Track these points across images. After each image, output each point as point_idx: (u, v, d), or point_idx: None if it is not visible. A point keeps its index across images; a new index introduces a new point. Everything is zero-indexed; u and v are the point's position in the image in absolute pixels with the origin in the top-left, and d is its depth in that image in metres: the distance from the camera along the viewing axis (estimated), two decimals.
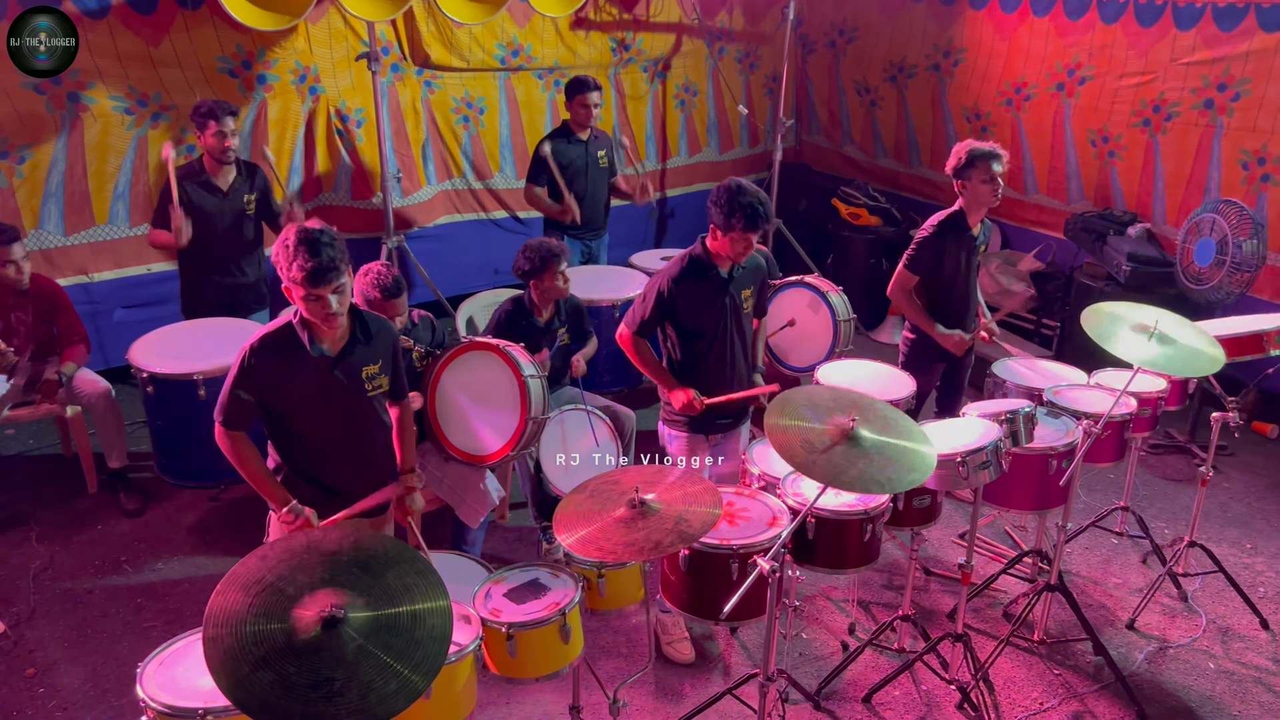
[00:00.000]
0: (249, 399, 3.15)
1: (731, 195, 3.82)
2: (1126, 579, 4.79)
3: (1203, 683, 4.14)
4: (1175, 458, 5.90)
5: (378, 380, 3.29)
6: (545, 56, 7.31)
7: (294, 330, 3.14)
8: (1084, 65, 6.90)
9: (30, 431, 5.79)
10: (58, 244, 5.88)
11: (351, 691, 2.06)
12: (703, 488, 2.88)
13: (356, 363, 3.23)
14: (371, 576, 2.28)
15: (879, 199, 7.97)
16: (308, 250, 2.92)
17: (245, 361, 3.12)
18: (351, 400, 3.24)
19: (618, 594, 3.11)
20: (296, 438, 3.26)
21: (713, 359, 4.08)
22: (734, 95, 8.45)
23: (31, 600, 4.42)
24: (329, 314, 3.03)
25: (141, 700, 2.47)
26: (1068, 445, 3.92)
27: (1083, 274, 6.75)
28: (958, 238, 4.67)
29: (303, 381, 3.15)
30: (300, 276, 2.94)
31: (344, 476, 3.33)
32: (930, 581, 4.73)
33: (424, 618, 2.24)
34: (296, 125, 6.45)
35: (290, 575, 2.26)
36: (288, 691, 2.05)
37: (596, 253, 6.45)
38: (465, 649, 2.72)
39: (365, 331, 3.25)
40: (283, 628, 2.16)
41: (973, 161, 4.52)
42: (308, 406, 3.19)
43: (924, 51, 7.98)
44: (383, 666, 2.11)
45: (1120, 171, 6.91)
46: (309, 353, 3.13)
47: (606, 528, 2.71)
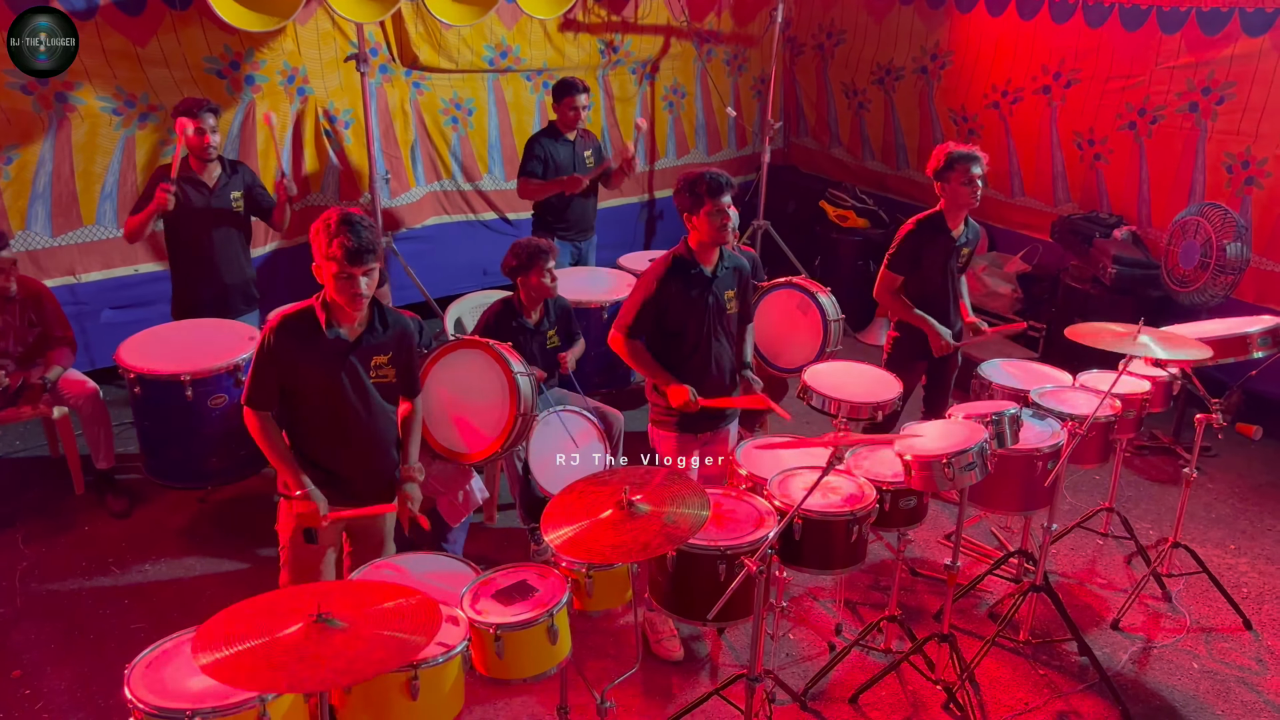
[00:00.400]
0: (271, 378, 3.24)
1: (687, 179, 3.97)
2: (1111, 579, 4.82)
3: (1186, 682, 4.17)
4: (1160, 459, 5.94)
5: (384, 370, 3.37)
6: (534, 58, 7.32)
7: (314, 312, 3.22)
8: (1070, 68, 6.94)
9: (17, 433, 5.77)
10: (45, 245, 5.85)
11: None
12: (690, 489, 2.90)
13: (369, 351, 3.32)
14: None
15: (866, 201, 7.99)
16: (349, 230, 3.05)
17: (266, 340, 3.22)
18: (360, 386, 3.31)
19: (606, 595, 3.12)
20: (306, 421, 3.35)
21: (698, 358, 4.10)
22: (722, 97, 8.47)
23: (18, 602, 4.40)
24: (356, 294, 3.13)
25: (129, 701, 2.46)
26: (1053, 447, 3.96)
27: (1069, 276, 6.79)
28: (936, 238, 4.71)
29: (317, 363, 3.24)
30: (340, 254, 3.05)
31: (348, 463, 3.40)
32: (917, 582, 4.75)
33: None
34: (285, 126, 6.43)
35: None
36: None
37: (586, 254, 6.45)
38: (452, 650, 2.73)
39: (383, 321, 3.36)
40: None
41: (952, 164, 4.57)
42: (318, 389, 3.27)
43: (911, 54, 8.01)
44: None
45: (1106, 174, 6.95)
46: (325, 335, 3.21)
47: (594, 529, 2.72)
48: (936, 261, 4.76)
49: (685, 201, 3.95)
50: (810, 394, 4.41)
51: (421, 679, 2.64)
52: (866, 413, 4.34)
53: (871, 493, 3.54)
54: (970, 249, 4.92)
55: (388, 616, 2.28)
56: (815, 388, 4.40)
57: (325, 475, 3.37)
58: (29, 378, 4.90)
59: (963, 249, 4.85)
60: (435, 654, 2.69)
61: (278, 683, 2.07)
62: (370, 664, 2.11)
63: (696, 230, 3.99)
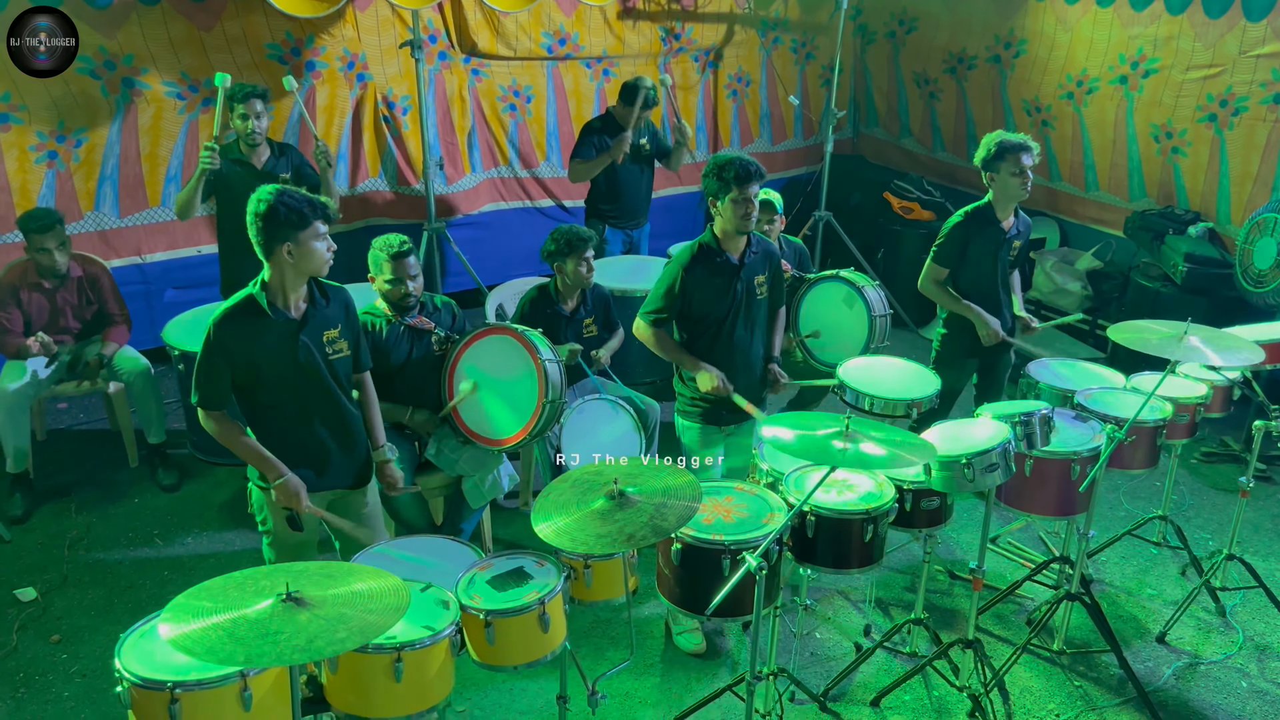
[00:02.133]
0: (222, 373, 3.21)
1: (716, 163, 3.86)
2: (1162, 590, 4.62)
3: (1233, 702, 3.97)
4: (1229, 467, 5.66)
5: (338, 344, 3.37)
6: (593, 45, 7.29)
7: (254, 299, 3.20)
8: (1148, 57, 6.64)
9: (80, 406, 5.98)
10: (113, 225, 6.05)
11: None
12: (685, 481, 2.84)
13: (318, 326, 3.30)
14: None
15: (933, 193, 7.79)
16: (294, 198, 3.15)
17: (210, 337, 3.19)
18: (316, 365, 3.30)
19: (604, 585, 3.08)
20: (270, 411, 3.33)
21: (722, 346, 4.03)
22: (787, 86, 8.33)
23: (64, 569, 4.56)
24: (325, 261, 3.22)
25: (117, 670, 2.52)
26: (1092, 450, 3.79)
27: (1140, 274, 6.52)
28: (983, 230, 4.55)
29: (269, 348, 3.22)
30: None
31: (319, 447, 3.40)
32: (955, 586, 4.62)
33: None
34: (344, 112, 6.53)
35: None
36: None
37: (638, 242, 6.42)
38: (439, 634, 2.73)
39: (324, 294, 3.35)
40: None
41: (1002, 154, 4.40)
42: (276, 374, 3.25)
43: (984, 42, 7.77)
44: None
45: (1184, 168, 6.64)
46: (271, 318, 3.19)
47: (582, 519, 2.69)
48: (984, 254, 4.60)
49: (711, 185, 3.87)
50: (844, 389, 4.29)
51: (405, 661, 2.64)
52: (902, 409, 4.21)
53: (890, 491, 3.44)
54: (1023, 241, 4.74)
55: (356, 598, 2.28)
56: (849, 383, 4.28)
57: (297, 463, 3.35)
58: (85, 354, 5.06)
59: (1014, 242, 4.68)
60: (421, 637, 2.69)
61: (233, 657, 2.08)
62: (329, 644, 2.11)
63: (720, 216, 3.91)
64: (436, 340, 4.29)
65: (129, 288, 5.73)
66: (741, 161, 3.83)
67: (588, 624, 4.27)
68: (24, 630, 4.17)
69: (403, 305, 4.19)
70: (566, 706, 3.17)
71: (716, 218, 3.93)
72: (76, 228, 5.81)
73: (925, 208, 7.70)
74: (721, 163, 3.85)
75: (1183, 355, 3.57)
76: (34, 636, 4.14)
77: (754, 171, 3.83)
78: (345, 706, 2.72)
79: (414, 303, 4.23)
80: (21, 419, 4.92)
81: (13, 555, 4.65)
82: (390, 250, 4.11)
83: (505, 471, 4.38)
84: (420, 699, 2.73)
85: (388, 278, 4.14)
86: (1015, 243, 4.68)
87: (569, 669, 3.12)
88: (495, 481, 4.32)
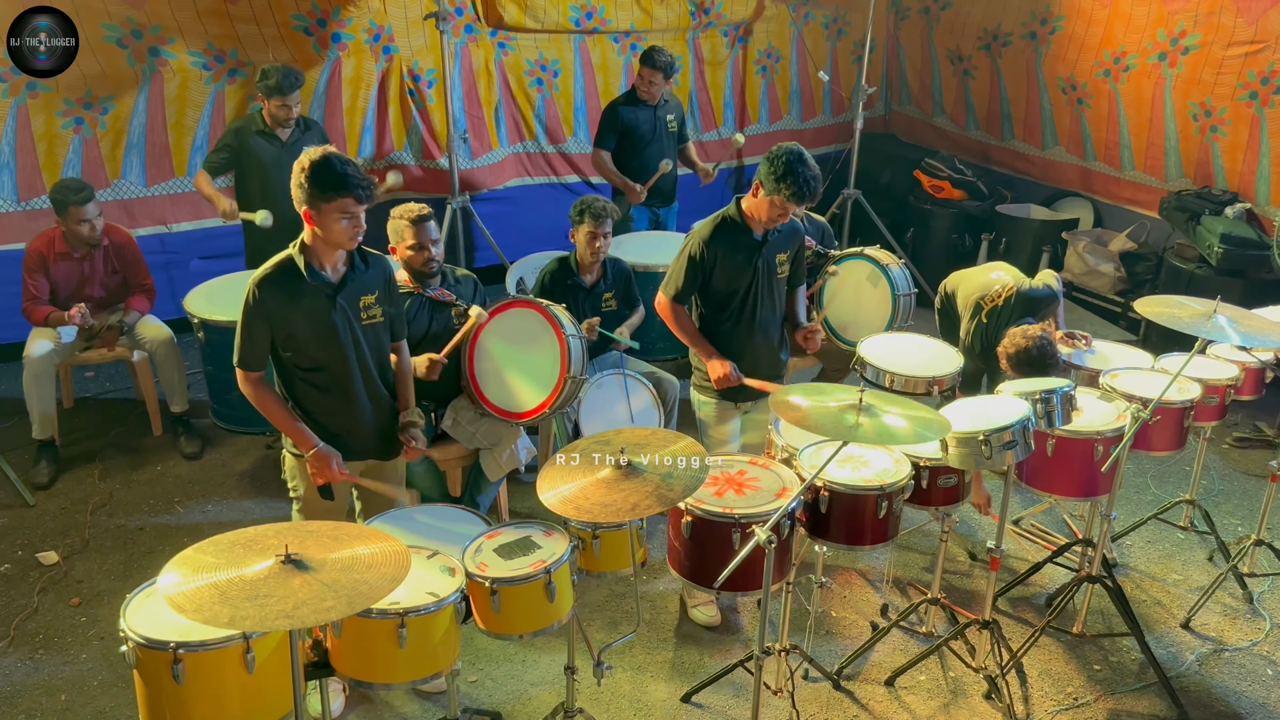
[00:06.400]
0: (262, 335, 3.22)
1: (791, 161, 3.65)
2: (1188, 576, 4.53)
3: (1257, 689, 3.89)
4: (1261, 453, 5.54)
5: (374, 310, 3.35)
6: (620, 19, 7.23)
7: (293, 261, 3.20)
8: (1188, 34, 6.48)
9: (108, 374, 6.04)
10: (139, 194, 6.09)
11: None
12: (694, 452, 2.81)
13: (356, 290, 3.30)
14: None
15: (965, 172, 7.67)
16: (347, 167, 3.12)
17: (250, 296, 3.18)
18: (352, 328, 3.30)
19: (612, 556, 3.06)
20: (306, 377, 3.32)
21: (743, 324, 3.97)
22: (817, 62, 8.22)
23: (86, 534, 4.61)
24: (359, 230, 3.18)
25: (122, 630, 2.52)
26: (1115, 430, 3.71)
27: (1174, 255, 6.38)
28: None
29: (305, 310, 3.21)
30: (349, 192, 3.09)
31: (353, 415, 3.39)
32: (975, 566, 4.55)
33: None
34: (369, 84, 6.52)
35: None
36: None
37: (665, 222, 6.37)
38: (444, 600, 2.71)
39: (364, 260, 3.34)
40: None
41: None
42: (312, 337, 3.24)
43: (1020, 19, 7.62)
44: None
45: (1223, 148, 6.48)
46: (308, 280, 3.19)
47: (587, 487, 2.66)
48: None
49: (768, 174, 3.69)
50: (864, 366, 4.24)
51: (409, 627, 2.63)
52: (923, 387, 4.15)
53: (906, 468, 3.38)
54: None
55: (356, 564, 2.27)
56: (869, 359, 4.23)
57: (332, 432, 3.35)
58: (107, 321, 5.10)
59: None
60: (425, 603, 2.68)
61: (219, 617, 2.07)
62: (315, 611, 2.08)
63: (755, 201, 3.83)
64: (457, 314, 4.27)
65: (152, 257, 5.76)
66: (808, 182, 3.66)
67: (602, 597, 4.25)
68: (44, 592, 4.22)
69: (424, 272, 4.17)
70: (575, 678, 3.16)
71: (753, 196, 3.86)
72: (102, 195, 5.83)
73: (956, 187, 7.58)
74: (791, 165, 3.65)
75: (1211, 333, 3.47)
76: (54, 599, 4.19)
77: (809, 196, 3.70)
78: (349, 671, 2.72)
79: (436, 269, 4.20)
80: (47, 386, 4.96)
81: (36, 519, 4.70)
82: (410, 215, 4.10)
83: (523, 445, 4.36)
84: (424, 665, 2.72)
85: (410, 244, 4.12)
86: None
87: (577, 640, 3.11)
88: (513, 454, 4.30)
